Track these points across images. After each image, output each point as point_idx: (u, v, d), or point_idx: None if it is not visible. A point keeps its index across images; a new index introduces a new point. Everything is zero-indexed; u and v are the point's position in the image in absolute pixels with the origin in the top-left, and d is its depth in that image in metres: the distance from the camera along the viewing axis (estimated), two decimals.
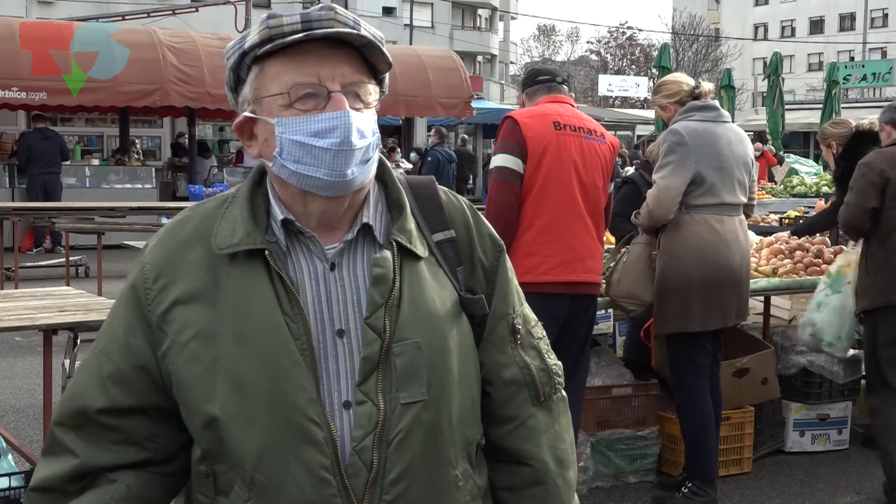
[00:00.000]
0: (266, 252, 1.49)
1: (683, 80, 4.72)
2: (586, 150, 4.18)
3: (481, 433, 1.61)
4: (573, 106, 4.35)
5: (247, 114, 1.53)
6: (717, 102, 4.65)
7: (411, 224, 1.57)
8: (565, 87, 4.37)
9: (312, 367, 1.46)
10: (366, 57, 1.52)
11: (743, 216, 4.61)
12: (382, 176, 1.60)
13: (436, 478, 1.50)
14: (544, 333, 1.70)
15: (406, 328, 1.49)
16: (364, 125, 1.49)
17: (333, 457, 1.44)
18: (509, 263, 1.68)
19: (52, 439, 1.55)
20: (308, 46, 1.47)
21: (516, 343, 1.63)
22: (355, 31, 1.47)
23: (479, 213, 1.68)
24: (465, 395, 1.55)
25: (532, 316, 1.69)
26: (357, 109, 1.49)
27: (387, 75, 1.58)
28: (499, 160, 4.10)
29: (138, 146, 19.60)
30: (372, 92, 1.53)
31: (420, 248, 1.55)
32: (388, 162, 1.63)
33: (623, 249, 4.70)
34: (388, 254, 1.52)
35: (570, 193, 4.09)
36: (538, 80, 4.36)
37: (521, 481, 1.63)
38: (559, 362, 1.69)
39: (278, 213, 1.53)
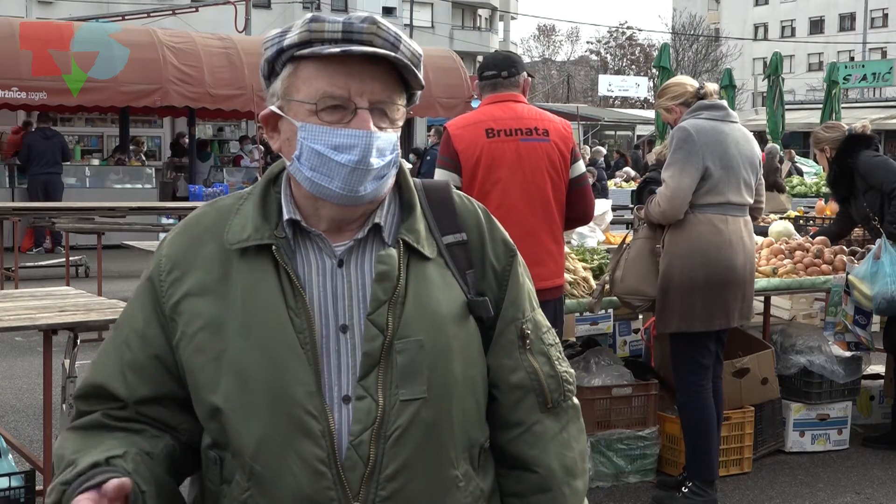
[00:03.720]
0: (273, 247, 1.52)
1: (687, 81, 4.72)
2: (524, 153, 4.03)
3: (486, 436, 1.61)
4: (520, 101, 4.16)
5: (273, 109, 1.56)
6: (724, 102, 4.65)
7: (420, 225, 1.58)
8: (516, 78, 4.16)
9: (314, 360, 1.48)
10: (400, 72, 1.54)
11: (748, 217, 4.60)
12: (398, 177, 1.61)
13: (434, 476, 1.51)
14: (557, 340, 1.70)
15: (409, 326, 1.50)
16: (385, 144, 1.52)
17: (330, 450, 1.46)
18: (522, 269, 1.68)
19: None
20: (345, 57, 1.49)
21: (525, 348, 1.62)
22: (392, 54, 1.49)
23: (494, 218, 1.70)
24: (468, 396, 1.56)
25: (544, 322, 1.69)
26: (381, 128, 1.51)
27: (418, 92, 1.59)
28: (437, 175, 4.00)
29: (144, 147, 19.60)
30: (400, 109, 1.55)
31: (428, 249, 1.57)
32: (405, 164, 1.65)
33: (624, 246, 4.69)
34: (393, 252, 1.54)
35: (507, 202, 3.95)
36: (484, 75, 4.19)
37: (527, 488, 1.63)
38: (571, 370, 1.69)
39: (285, 213, 1.55)
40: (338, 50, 1.47)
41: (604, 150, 18.16)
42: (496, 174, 4.01)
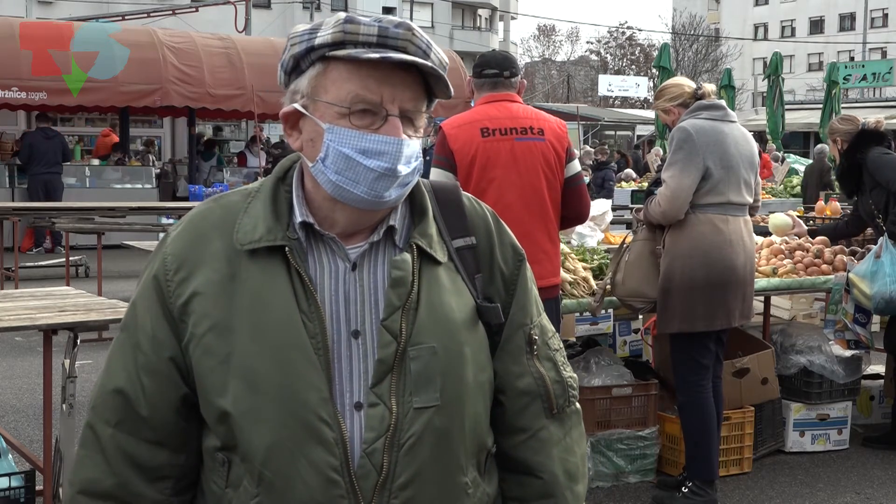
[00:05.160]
0: (286, 249, 1.49)
1: (685, 82, 4.73)
2: (518, 152, 4.03)
3: (492, 441, 1.61)
4: (515, 101, 4.15)
5: (297, 107, 1.51)
6: (723, 102, 4.66)
7: (432, 229, 1.57)
8: (515, 79, 4.16)
9: (326, 366, 1.46)
10: (426, 80, 1.52)
11: (748, 217, 4.61)
12: None
13: (445, 484, 1.50)
14: (561, 345, 1.69)
15: (422, 332, 1.49)
16: (412, 152, 1.50)
17: (343, 458, 1.44)
18: (530, 273, 1.68)
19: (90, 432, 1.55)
20: (378, 62, 1.46)
21: (532, 354, 1.62)
22: (427, 63, 1.48)
23: (502, 221, 1.68)
24: (478, 402, 1.55)
25: (549, 327, 1.68)
26: (409, 136, 1.50)
27: (436, 99, 1.57)
28: (432, 175, 3.99)
29: (156, 146, 19.62)
30: (424, 117, 1.54)
31: (440, 254, 1.55)
32: None
33: (624, 247, 4.69)
34: (407, 257, 1.52)
35: (502, 201, 3.93)
36: (484, 73, 4.18)
37: (530, 493, 1.62)
38: (574, 375, 1.68)
39: (297, 215, 1.52)
40: (377, 56, 1.43)
41: (591, 150, 17.59)
42: (491, 173, 4.00)
